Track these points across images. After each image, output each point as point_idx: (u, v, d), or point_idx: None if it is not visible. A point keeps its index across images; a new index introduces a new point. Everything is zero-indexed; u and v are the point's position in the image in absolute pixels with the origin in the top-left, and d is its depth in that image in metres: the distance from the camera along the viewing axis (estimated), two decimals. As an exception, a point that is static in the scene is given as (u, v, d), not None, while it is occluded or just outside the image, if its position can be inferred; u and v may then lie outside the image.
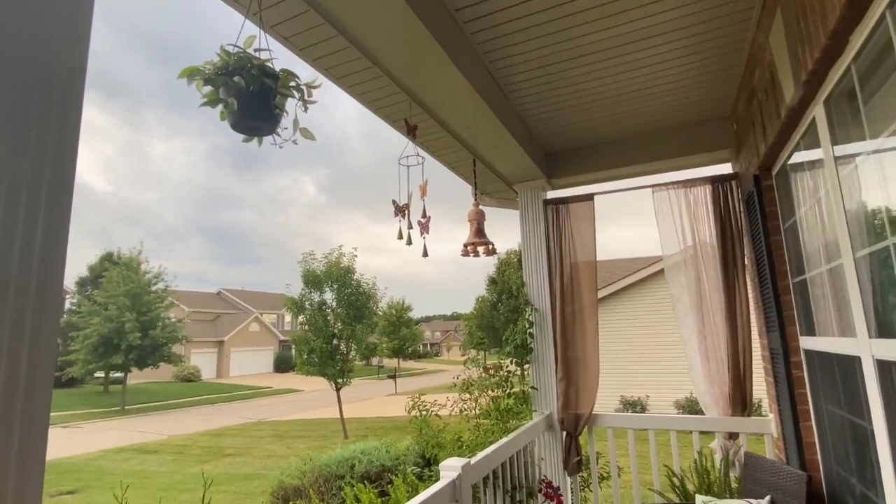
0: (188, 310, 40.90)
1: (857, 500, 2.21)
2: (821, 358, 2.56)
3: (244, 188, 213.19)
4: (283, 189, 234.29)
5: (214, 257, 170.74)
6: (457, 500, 2.18)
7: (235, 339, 43.10)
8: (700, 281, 3.67)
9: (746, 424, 3.40)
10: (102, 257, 33.50)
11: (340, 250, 15.83)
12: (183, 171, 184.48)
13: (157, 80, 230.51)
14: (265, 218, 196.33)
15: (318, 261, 15.71)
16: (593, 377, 3.81)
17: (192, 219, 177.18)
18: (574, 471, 3.76)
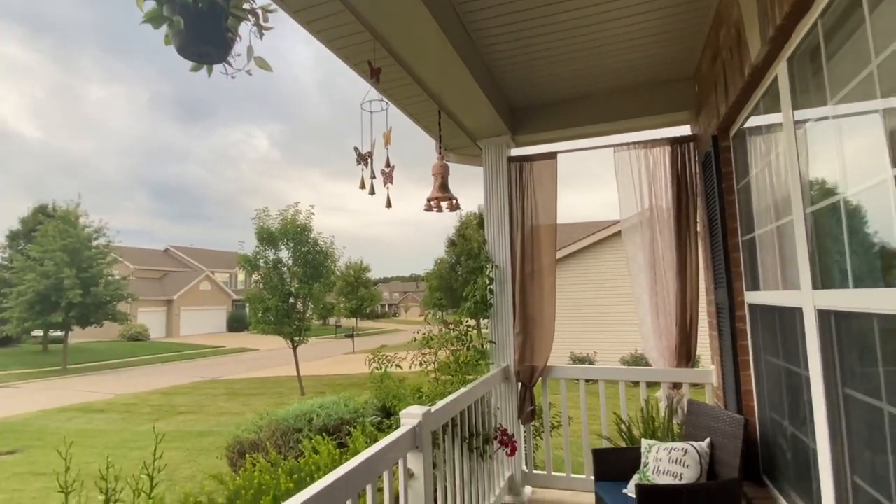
0: (133, 267, 39.08)
1: (788, 440, 2.41)
2: (763, 311, 2.72)
3: (191, 142, 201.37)
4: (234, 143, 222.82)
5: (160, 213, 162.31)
6: (417, 447, 2.22)
7: (185, 298, 41.75)
8: (654, 240, 3.79)
9: (690, 375, 3.61)
10: (36, 210, 31.22)
11: (297, 207, 15.38)
12: (123, 120, 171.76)
13: (91, 17, 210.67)
14: (215, 173, 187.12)
15: (273, 218, 15.23)
16: (549, 332, 3.92)
17: (135, 172, 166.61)
18: (528, 419, 3.91)
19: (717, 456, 2.61)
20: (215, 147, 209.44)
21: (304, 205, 15.74)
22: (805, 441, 2.20)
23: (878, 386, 1.59)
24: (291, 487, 2.99)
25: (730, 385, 2.97)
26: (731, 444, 2.52)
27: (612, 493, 2.74)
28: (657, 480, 2.60)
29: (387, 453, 1.94)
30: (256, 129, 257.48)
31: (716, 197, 2.97)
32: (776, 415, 2.59)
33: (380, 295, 74.10)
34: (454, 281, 30.77)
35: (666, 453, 2.68)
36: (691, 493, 2.38)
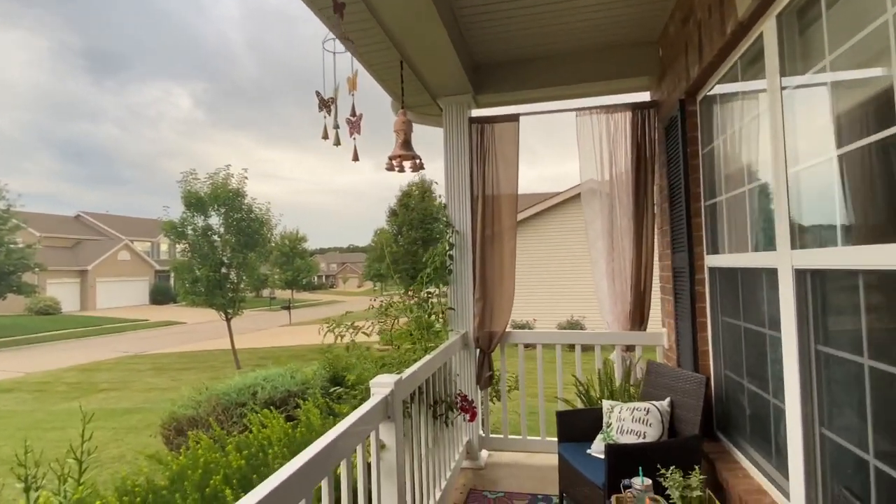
0: (40, 234, 35.37)
1: (745, 397, 2.51)
2: (723, 274, 2.79)
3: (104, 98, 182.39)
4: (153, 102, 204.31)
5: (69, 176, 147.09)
6: (389, 416, 2.09)
7: (102, 269, 38.55)
8: (613, 206, 3.81)
9: (644, 337, 3.72)
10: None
11: (228, 171, 14.39)
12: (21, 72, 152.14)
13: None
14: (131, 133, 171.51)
15: (201, 181, 14.18)
16: (508, 297, 3.88)
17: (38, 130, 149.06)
18: (486, 385, 3.90)
19: (677, 414, 2.70)
20: (131, 105, 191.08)
21: (235, 169, 14.71)
22: (765, 397, 2.29)
23: (849, 341, 1.64)
24: (243, 465, 2.78)
25: (685, 346, 3.06)
26: (691, 402, 2.60)
27: (576, 454, 2.77)
28: (621, 440, 2.65)
29: (360, 426, 1.80)
30: (177, 87, 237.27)
31: (680, 162, 2.99)
32: (733, 373, 2.70)
33: (317, 266, 72.40)
34: (396, 252, 30.53)
35: (629, 413, 2.74)
36: (656, 451, 2.43)
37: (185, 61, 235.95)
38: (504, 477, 3.65)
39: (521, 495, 3.34)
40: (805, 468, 1.82)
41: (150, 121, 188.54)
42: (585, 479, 2.56)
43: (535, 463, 3.87)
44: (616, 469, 2.34)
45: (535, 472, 3.71)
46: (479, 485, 3.54)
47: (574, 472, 2.69)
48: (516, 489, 3.44)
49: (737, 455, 2.52)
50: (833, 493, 1.76)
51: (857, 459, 1.62)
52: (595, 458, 2.68)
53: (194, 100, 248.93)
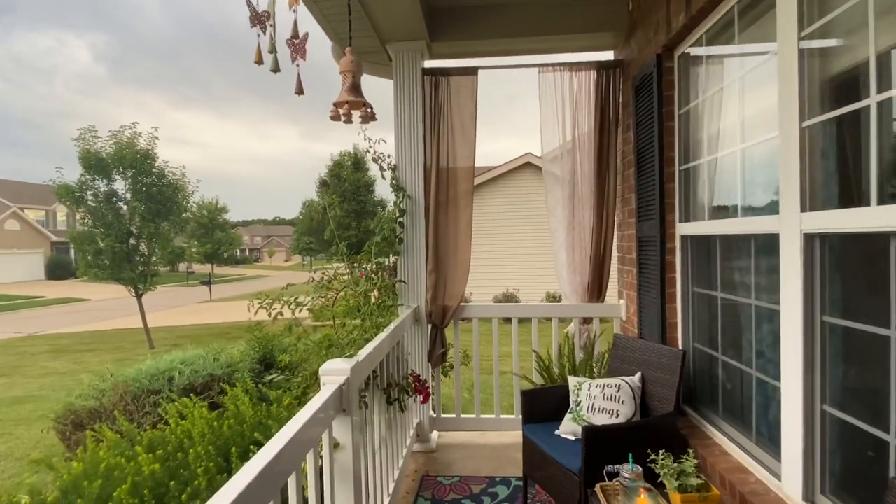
0: None
1: (722, 371, 2.40)
2: (697, 242, 2.65)
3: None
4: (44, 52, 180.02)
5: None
6: (344, 409, 1.73)
7: (-16, 240, 33.93)
8: (574, 172, 3.60)
9: (602, 310, 3.59)
10: None
11: (135, 129, 12.81)
12: None
13: None
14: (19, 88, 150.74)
15: (103, 140, 12.52)
16: (463, 269, 3.59)
17: None
18: (438, 362, 3.62)
19: (648, 390, 2.56)
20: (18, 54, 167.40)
21: (143, 128, 13.05)
22: (745, 371, 2.18)
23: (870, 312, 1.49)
24: (157, 469, 2.30)
25: (650, 318, 2.94)
26: (666, 377, 2.46)
27: (543, 435, 2.57)
28: (593, 419, 2.47)
29: (312, 427, 1.42)
30: (74, 38, 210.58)
31: (654, 123, 2.79)
32: (704, 346, 2.59)
33: (239, 238, 68.84)
34: (327, 224, 29.32)
35: (599, 390, 2.56)
36: (635, 430, 2.27)
37: (81, 8, 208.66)
38: (458, 459, 3.41)
39: (478, 479, 3.12)
40: (804, 447, 1.69)
41: (42, 74, 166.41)
42: (556, 464, 2.35)
43: (488, 442, 3.68)
44: (594, 453, 2.15)
45: (490, 452, 3.51)
46: (431, 469, 3.29)
47: (542, 456, 2.48)
48: (472, 472, 3.22)
49: (709, 430, 2.43)
50: (835, 472, 1.65)
51: (867, 438, 1.49)
52: (565, 440, 2.49)
53: (94, 53, 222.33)
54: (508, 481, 3.07)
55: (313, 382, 2.08)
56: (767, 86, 1.92)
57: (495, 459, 3.39)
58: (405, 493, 3.00)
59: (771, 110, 1.89)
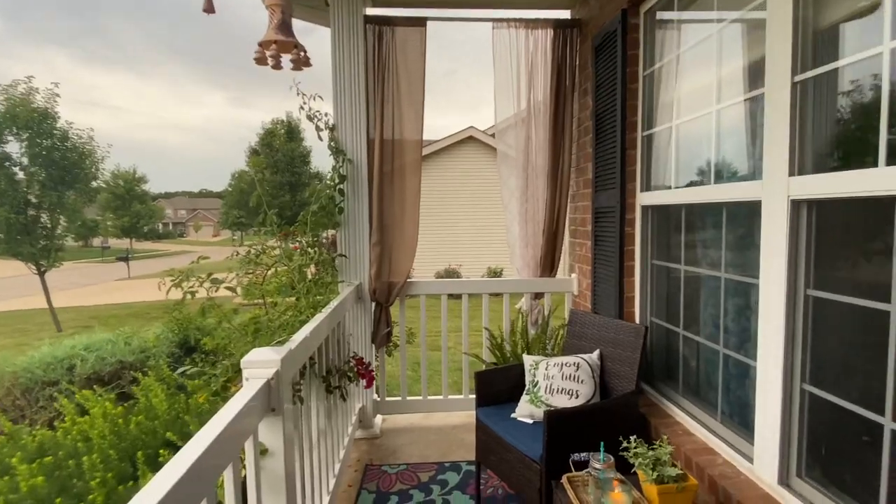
0: None
1: (684, 347, 2.30)
2: (659, 213, 2.52)
3: None
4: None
5: None
6: (274, 409, 1.42)
7: None
8: (529, 139, 3.38)
9: (554, 284, 3.44)
10: None
11: (30, 84, 11.22)
12: None
13: None
14: None
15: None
16: (410, 243, 3.30)
17: None
18: (383, 342, 3.34)
19: (607, 368, 2.43)
20: None
21: (40, 83, 11.39)
22: (710, 347, 2.08)
23: (865, 286, 1.38)
24: (41, 483, 1.88)
25: (606, 293, 2.81)
26: (626, 354, 2.33)
27: (498, 419, 2.38)
28: (552, 401, 2.31)
29: (226, 441, 1.11)
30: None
31: (616, 85, 2.60)
32: (664, 321, 2.49)
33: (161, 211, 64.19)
34: (259, 197, 27.78)
35: (557, 370, 2.40)
36: (599, 412, 2.12)
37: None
38: (404, 445, 3.19)
39: (427, 466, 2.91)
40: (782, 428, 1.59)
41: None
42: (514, 450, 2.18)
43: (435, 424, 3.48)
44: (556, 439, 1.98)
45: (437, 435, 3.32)
46: (376, 457, 3.04)
47: (498, 442, 2.30)
48: (419, 458, 3.01)
49: (669, 408, 2.34)
50: (813, 454, 1.56)
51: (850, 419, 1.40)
52: (522, 424, 2.32)
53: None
54: (458, 467, 2.89)
55: (236, 375, 1.74)
56: (749, 40, 1.76)
57: (443, 443, 3.20)
58: (347, 485, 2.74)
59: (754, 68, 1.73)
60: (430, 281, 3.50)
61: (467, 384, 3.47)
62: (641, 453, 1.61)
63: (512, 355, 3.07)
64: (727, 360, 1.99)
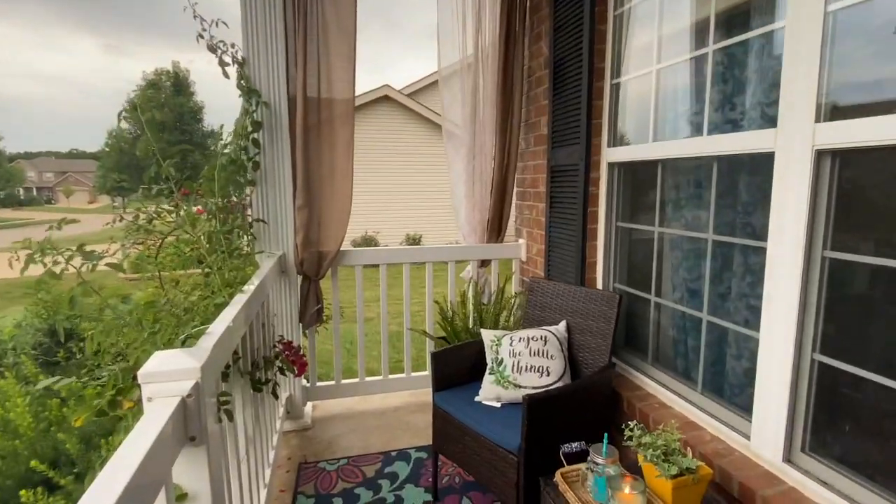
0: None
1: (660, 314, 2.15)
2: (628, 170, 2.32)
3: None
4: None
5: None
6: (192, 437, 0.99)
7: None
8: (477, 90, 3.02)
9: (503, 250, 3.19)
10: None
11: None
12: None
13: None
14: None
15: None
16: (343, 205, 2.84)
17: None
18: (313, 322, 2.90)
19: (575, 340, 2.22)
20: None
21: None
22: (691, 315, 1.93)
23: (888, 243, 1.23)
24: None
25: (564, 258, 2.60)
26: (597, 325, 2.14)
27: (461, 404, 2.10)
28: (521, 380, 2.06)
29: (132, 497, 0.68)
30: None
31: (582, 27, 2.31)
32: (632, 288, 2.32)
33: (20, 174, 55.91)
34: (141, 159, 24.69)
35: (523, 345, 2.15)
36: (580, 392, 1.91)
37: None
38: (341, 435, 2.82)
39: (371, 457, 2.58)
40: (790, 402, 1.46)
41: None
42: (483, 440, 1.91)
43: (373, 408, 3.14)
44: (537, 426, 1.74)
45: (378, 420, 2.98)
46: (310, 452, 2.65)
47: (462, 430, 2.02)
48: (361, 450, 2.67)
49: (639, 380, 2.20)
50: (819, 428, 1.44)
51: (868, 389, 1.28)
52: (489, 408, 2.05)
53: None
54: (407, 455, 2.59)
55: (131, 386, 1.26)
56: (762, -35, 1.53)
57: (386, 429, 2.88)
58: (279, 491, 2.33)
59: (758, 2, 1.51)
60: (367, 250, 3.08)
61: (410, 362, 3.16)
62: (649, 443, 1.40)
63: (463, 330, 2.78)
64: (712, 328, 1.85)
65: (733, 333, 1.77)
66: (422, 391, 3.26)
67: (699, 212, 1.88)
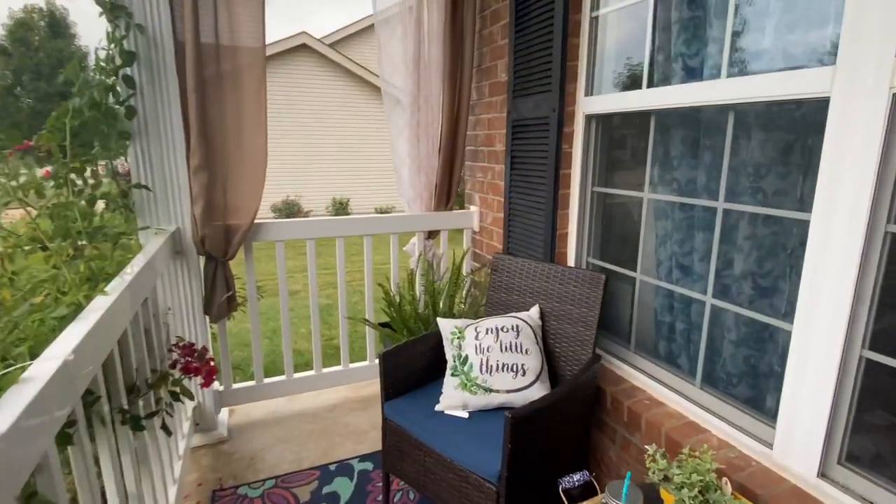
0: None
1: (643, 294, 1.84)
2: (608, 124, 1.95)
3: None
4: None
5: None
6: None
7: None
8: (420, 24, 2.49)
9: (452, 219, 2.77)
10: None
11: None
12: None
13: None
14: None
15: None
16: (257, 165, 2.25)
17: None
18: (223, 313, 2.33)
19: (550, 328, 1.88)
20: None
21: None
22: (695, 299, 1.63)
23: None
24: None
25: (529, 229, 2.23)
26: (578, 311, 1.80)
27: (418, 416, 1.69)
28: (492, 382, 1.68)
29: None
30: None
31: (556, -58, 1.86)
32: (609, 263, 2.00)
33: None
34: (16, 112, 21.11)
35: (492, 337, 1.77)
36: (567, 398, 1.56)
37: None
38: (266, 447, 2.34)
39: (305, 474, 2.13)
40: (832, 408, 1.19)
41: None
42: (450, 465, 1.53)
43: (304, 408, 2.68)
44: (523, 447, 1.38)
45: (311, 424, 2.53)
46: (227, 474, 2.15)
47: (423, 451, 1.62)
48: (292, 464, 2.21)
49: (621, 370, 1.90)
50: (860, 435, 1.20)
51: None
52: (456, 421, 1.66)
53: None
54: (349, 468, 2.17)
55: None
56: None
57: (322, 434, 2.43)
58: (185, 533, 1.84)
59: None
60: (289, 222, 2.51)
61: (347, 352, 2.69)
62: (683, 481, 1.07)
63: (412, 317, 2.35)
64: (717, 315, 1.56)
65: (745, 321, 1.49)
66: (363, 384, 2.83)
67: (703, 175, 1.56)
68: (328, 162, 12.89)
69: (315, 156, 12.68)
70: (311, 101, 12.28)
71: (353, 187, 13.08)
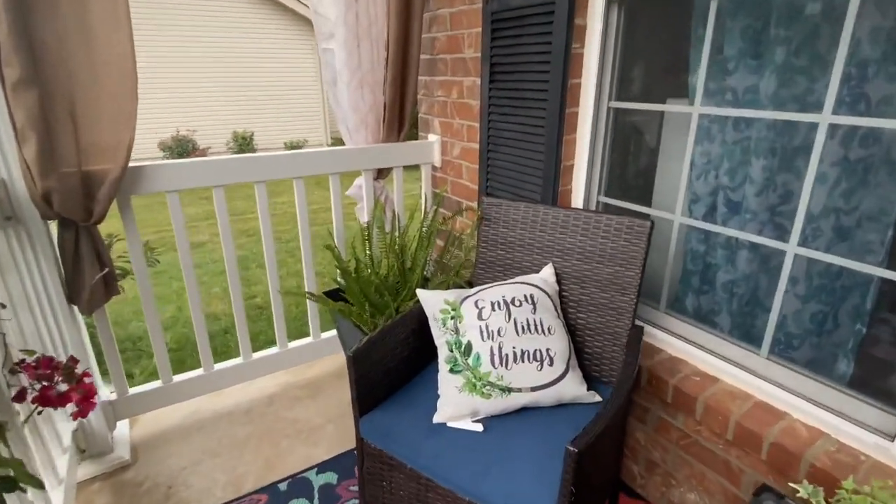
0: None
1: (687, 241, 1.43)
2: (632, 12, 1.43)
3: None
4: None
5: None
6: None
7: None
8: None
9: (409, 153, 2.18)
10: None
11: None
12: None
13: None
14: None
15: None
16: (123, 78, 1.48)
17: None
18: (99, 300, 1.63)
19: (569, 294, 1.43)
20: None
21: None
22: (774, 246, 1.25)
23: None
24: None
25: (518, 162, 1.73)
26: (609, 270, 1.35)
27: (410, 436, 1.21)
28: (511, 379, 1.22)
29: None
30: None
31: None
32: (631, 203, 1.56)
33: None
34: None
35: (502, 316, 1.29)
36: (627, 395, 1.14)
37: None
38: (188, 466, 1.76)
39: (248, 501, 1.61)
40: None
41: None
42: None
43: (235, 403, 2.10)
44: (581, 482, 0.95)
45: (246, 425, 1.97)
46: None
47: (425, 485, 1.16)
48: (230, 490, 1.67)
49: (652, 337, 1.52)
50: None
51: None
52: (467, 438, 1.19)
53: None
54: (305, 483, 1.68)
55: None
56: None
57: (262, 438, 1.89)
58: None
59: None
60: (184, 164, 1.75)
61: (284, 331, 2.11)
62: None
63: (376, 292, 1.76)
64: (799, 266, 1.19)
65: (846, 273, 1.13)
66: (304, 366, 2.28)
67: (797, 76, 1.12)
68: (228, 91, 11.20)
69: (211, 85, 10.94)
70: (206, 22, 10.36)
71: (256, 120, 11.55)
